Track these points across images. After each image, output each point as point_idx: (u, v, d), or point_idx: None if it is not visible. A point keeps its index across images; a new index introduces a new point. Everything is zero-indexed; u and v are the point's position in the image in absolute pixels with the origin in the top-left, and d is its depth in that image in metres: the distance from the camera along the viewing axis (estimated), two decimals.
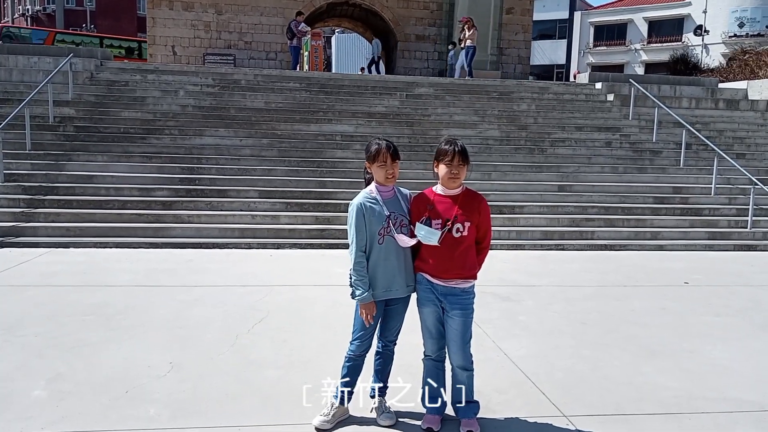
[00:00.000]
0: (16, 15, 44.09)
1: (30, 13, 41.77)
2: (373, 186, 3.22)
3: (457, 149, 3.08)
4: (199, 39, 19.00)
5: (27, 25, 42.25)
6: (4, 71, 12.15)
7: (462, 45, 16.46)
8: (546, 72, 45.41)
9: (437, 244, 3.08)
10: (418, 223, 3.13)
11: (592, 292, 6.49)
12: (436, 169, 3.18)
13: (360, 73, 28.67)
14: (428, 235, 3.08)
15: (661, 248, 9.08)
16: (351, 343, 3.27)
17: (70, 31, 34.07)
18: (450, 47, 18.83)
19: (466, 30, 16.39)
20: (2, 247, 7.56)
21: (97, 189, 9.06)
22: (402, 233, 3.16)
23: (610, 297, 6.28)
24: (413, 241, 3.16)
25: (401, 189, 3.32)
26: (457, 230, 3.10)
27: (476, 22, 19.27)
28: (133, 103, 11.91)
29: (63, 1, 41.19)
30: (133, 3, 41.91)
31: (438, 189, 3.21)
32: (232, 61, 18.74)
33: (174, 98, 12.28)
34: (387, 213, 3.14)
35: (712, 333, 5.20)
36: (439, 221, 3.10)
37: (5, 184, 8.83)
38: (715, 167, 10.63)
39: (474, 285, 3.22)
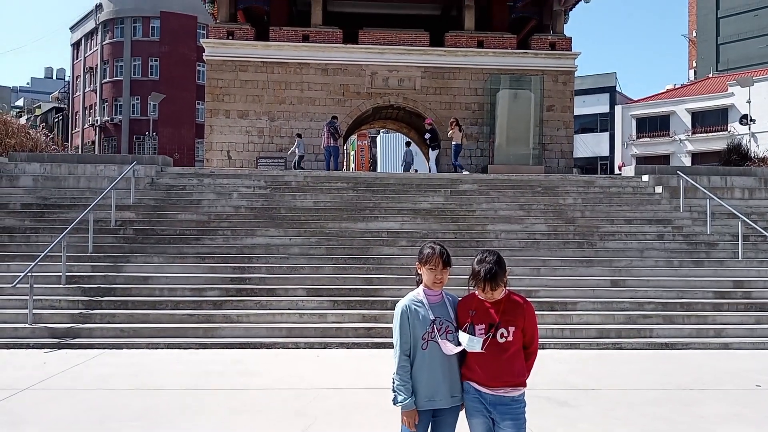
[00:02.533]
0: (86, 125, 47.81)
1: (99, 123, 45.21)
2: (420, 289, 3.21)
3: (487, 277, 3.02)
4: (253, 144, 20.06)
5: (95, 134, 45.67)
6: (73, 179, 13.03)
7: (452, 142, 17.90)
8: (590, 164, 45.57)
9: (482, 351, 3.02)
10: (461, 331, 3.10)
11: (657, 396, 6.10)
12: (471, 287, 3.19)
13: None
14: (471, 342, 3.04)
15: (726, 346, 8.56)
16: None
17: None
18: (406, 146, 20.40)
19: (449, 129, 17.71)
20: (60, 348, 7.76)
21: (151, 290, 9.32)
22: (447, 339, 3.09)
23: (676, 402, 5.88)
24: (458, 349, 3.08)
25: (451, 294, 3.29)
26: (502, 335, 3.04)
27: (516, 119, 19.81)
28: (189, 205, 12.48)
29: (129, 112, 44.63)
30: (192, 112, 44.96)
31: (480, 294, 3.18)
32: (283, 163, 19.59)
33: (228, 200, 12.81)
34: (432, 318, 3.11)
35: None
36: (483, 326, 3.06)
37: (67, 286, 9.21)
38: None
39: (524, 393, 3.09)
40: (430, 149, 18.58)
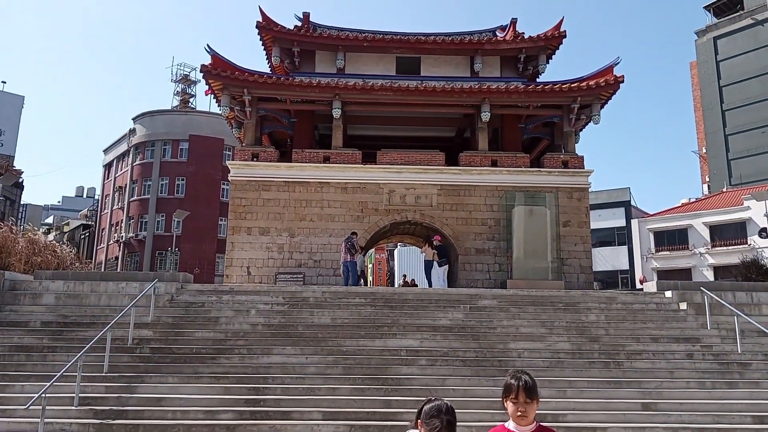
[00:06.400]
0: (111, 242, 49.04)
1: (124, 239, 46.39)
2: (509, 423, 3.10)
3: (521, 384, 3.04)
4: (272, 260, 20.31)
5: (119, 250, 46.73)
6: (95, 296, 13.18)
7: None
8: (610, 278, 45.06)
9: None
10: None
11: None
12: (505, 405, 3.11)
13: (402, 281, 29.37)
14: None
15: None
16: None
17: None
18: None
19: (423, 247, 19.88)
20: None
21: (164, 412, 9.06)
22: None
23: None
24: None
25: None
26: None
27: (533, 234, 19.98)
28: (207, 323, 12.44)
29: (154, 229, 45.89)
30: (215, 228, 46.09)
31: (510, 425, 3.09)
32: (302, 278, 19.69)
33: (246, 317, 12.77)
34: None
35: None
36: None
37: (79, 408, 9.00)
38: None
39: None
40: (436, 264, 19.02)
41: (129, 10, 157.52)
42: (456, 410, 3.07)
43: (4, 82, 59.97)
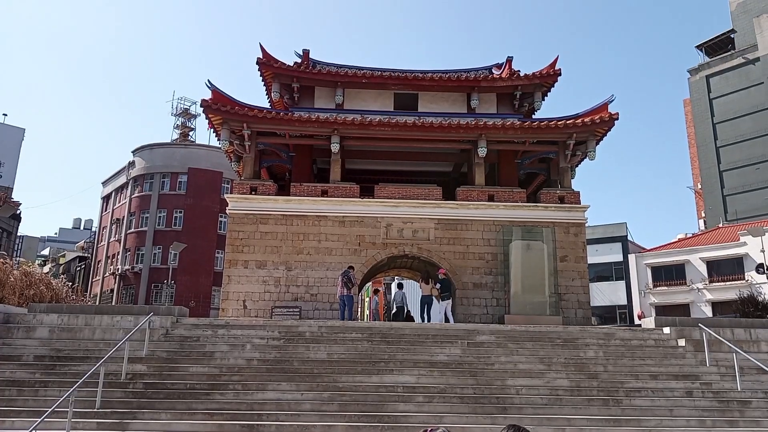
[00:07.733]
0: (107, 274, 48.75)
1: (120, 272, 46.12)
2: None
3: None
4: (269, 293, 20.19)
5: (115, 282, 46.40)
6: (89, 330, 13.05)
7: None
8: (608, 313, 44.83)
9: None
10: None
11: None
12: None
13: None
14: None
15: None
16: None
17: None
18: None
19: (420, 282, 20.12)
20: None
21: None
22: None
23: None
24: None
25: None
26: None
27: (530, 269, 19.96)
28: (201, 357, 12.30)
29: (150, 261, 45.66)
30: (211, 260, 45.89)
31: None
32: (298, 312, 19.55)
33: (241, 352, 12.64)
34: None
35: None
36: None
37: None
38: None
39: None
40: (440, 299, 18.87)
41: (131, 44, 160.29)
42: None
43: (5, 115, 60.47)
